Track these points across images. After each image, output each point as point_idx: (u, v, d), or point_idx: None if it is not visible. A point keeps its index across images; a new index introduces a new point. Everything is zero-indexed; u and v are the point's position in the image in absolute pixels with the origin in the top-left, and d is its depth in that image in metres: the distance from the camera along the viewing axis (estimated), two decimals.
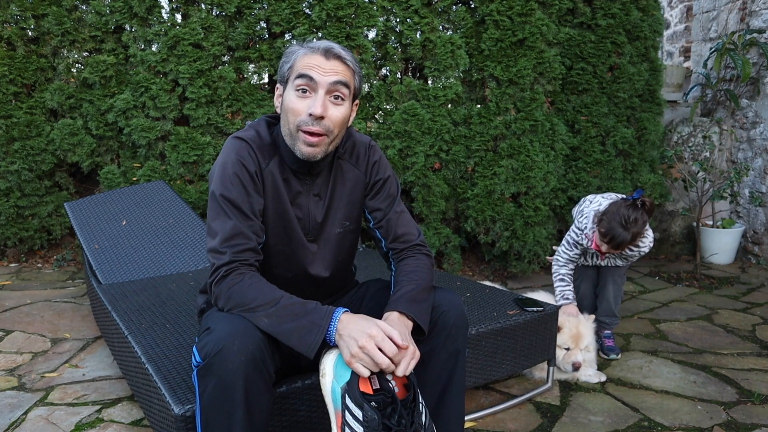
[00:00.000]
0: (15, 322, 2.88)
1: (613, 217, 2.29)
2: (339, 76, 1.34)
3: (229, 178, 1.37)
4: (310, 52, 1.35)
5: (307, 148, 1.35)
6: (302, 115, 1.33)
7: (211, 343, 1.21)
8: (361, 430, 1.14)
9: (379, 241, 1.55)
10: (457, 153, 3.63)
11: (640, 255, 2.49)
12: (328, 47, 1.35)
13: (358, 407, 1.16)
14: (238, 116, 3.69)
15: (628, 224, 2.25)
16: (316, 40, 1.39)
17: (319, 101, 1.32)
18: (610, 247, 2.32)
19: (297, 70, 1.35)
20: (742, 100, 4.44)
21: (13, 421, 1.95)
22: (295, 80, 1.34)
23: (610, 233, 2.28)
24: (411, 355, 1.23)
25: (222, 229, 1.35)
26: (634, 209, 2.28)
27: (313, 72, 1.33)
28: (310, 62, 1.34)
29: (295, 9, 3.51)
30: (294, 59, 1.37)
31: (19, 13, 3.67)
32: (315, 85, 1.33)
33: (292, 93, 1.35)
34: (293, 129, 1.35)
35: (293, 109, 1.34)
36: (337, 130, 1.38)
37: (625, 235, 2.26)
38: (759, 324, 3.00)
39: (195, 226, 3.07)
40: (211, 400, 1.20)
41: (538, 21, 3.56)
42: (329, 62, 1.34)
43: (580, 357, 2.29)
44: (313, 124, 1.33)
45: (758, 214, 4.32)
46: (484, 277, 3.81)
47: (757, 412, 2.07)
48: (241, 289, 1.29)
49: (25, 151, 3.67)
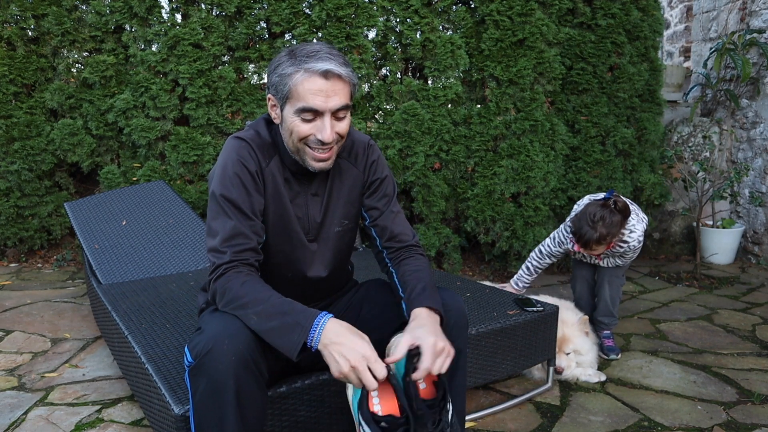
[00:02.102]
0: (15, 322, 2.88)
1: (582, 216, 2.35)
2: (341, 100, 1.32)
3: (229, 178, 1.37)
4: (308, 76, 1.29)
5: (318, 163, 1.37)
6: (310, 137, 1.34)
7: (201, 343, 1.21)
8: None
9: (374, 239, 1.54)
10: (457, 153, 3.63)
11: (632, 250, 2.48)
12: (327, 70, 1.29)
13: (367, 424, 1.17)
14: (238, 116, 3.69)
15: (595, 223, 2.28)
16: (309, 56, 1.31)
17: (327, 129, 1.32)
18: (582, 247, 2.35)
19: (299, 99, 1.31)
20: (742, 100, 4.44)
21: (13, 421, 1.95)
22: (298, 111, 1.32)
23: (578, 232, 2.33)
24: (446, 353, 1.23)
25: (222, 229, 1.35)
26: (603, 208, 2.32)
27: (316, 101, 1.30)
28: (311, 87, 1.29)
29: (295, 9, 3.51)
30: (291, 84, 1.31)
31: (19, 13, 3.67)
32: (320, 113, 1.32)
33: (296, 118, 1.33)
34: (300, 146, 1.36)
35: (299, 132, 1.33)
36: (342, 139, 1.39)
37: (592, 233, 2.28)
38: (759, 324, 3.00)
39: (195, 226, 3.07)
40: (202, 400, 1.21)
41: (538, 21, 3.56)
42: (329, 83, 1.30)
43: (564, 362, 2.29)
44: (323, 147, 1.34)
45: (758, 214, 4.32)
46: (484, 277, 3.81)
47: (757, 412, 2.07)
48: (235, 287, 1.29)
49: (25, 151, 3.67)
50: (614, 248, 2.45)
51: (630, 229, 2.42)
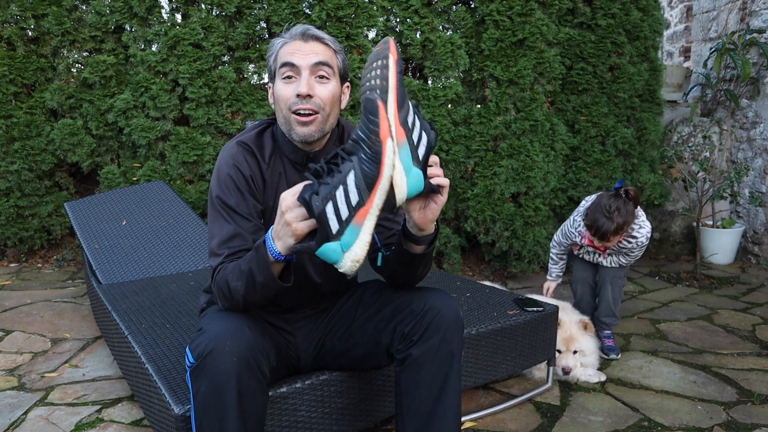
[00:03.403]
0: (15, 322, 2.88)
1: (596, 208, 2.35)
2: (319, 57, 1.36)
3: (224, 182, 1.40)
4: (288, 40, 1.38)
5: (301, 127, 1.37)
6: (291, 98, 1.35)
7: (203, 344, 1.21)
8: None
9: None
10: (457, 153, 3.63)
11: (639, 246, 2.48)
12: (304, 30, 1.38)
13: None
14: (238, 116, 3.69)
15: (611, 213, 2.30)
16: (294, 27, 1.41)
17: (303, 80, 1.35)
18: (599, 239, 2.36)
19: (279, 60, 1.38)
20: (742, 100, 4.44)
21: (13, 421, 1.95)
22: (279, 69, 1.37)
23: (594, 224, 2.33)
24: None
25: (219, 232, 1.38)
26: (616, 198, 2.33)
27: (294, 57, 1.35)
28: (290, 49, 1.36)
29: (295, 9, 3.51)
30: (275, 51, 1.39)
31: (19, 13, 3.67)
32: (298, 69, 1.35)
33: (280, 83, 1.38)
34: (287, 114, 1.37)
35: (282, 95, 1.37)
36: (328, 107, 1.39)
37: (609, 224, 2.29)
38: (759, 324, 3.00)
39: (195, 226, 3.07)
40: (204, 401, 1.21)
41: (538, 21, 3.56)
42: (308, 44, 1.37)
43: (571, 362, 2.29)
44: (303, 103, 1.35)
45: (758, 214, 4.32)
46: (484, 277, 3.81)
47: (757, 412, 2.07)
48: (224, 273, 1.32)
49: (25, 151, 3.67)
50: (622, 243, 2.46)
51: (639, 224, 2.44)
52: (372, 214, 1.11)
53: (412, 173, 1.15)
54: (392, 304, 1.45)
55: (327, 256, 1.13)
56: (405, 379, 1.38)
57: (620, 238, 2.39)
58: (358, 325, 1.50)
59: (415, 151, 1.16)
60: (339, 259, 1.12)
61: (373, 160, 1.10)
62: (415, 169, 1.15)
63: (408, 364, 1.37)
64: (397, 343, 1.40)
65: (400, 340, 1.40)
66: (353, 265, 1.11)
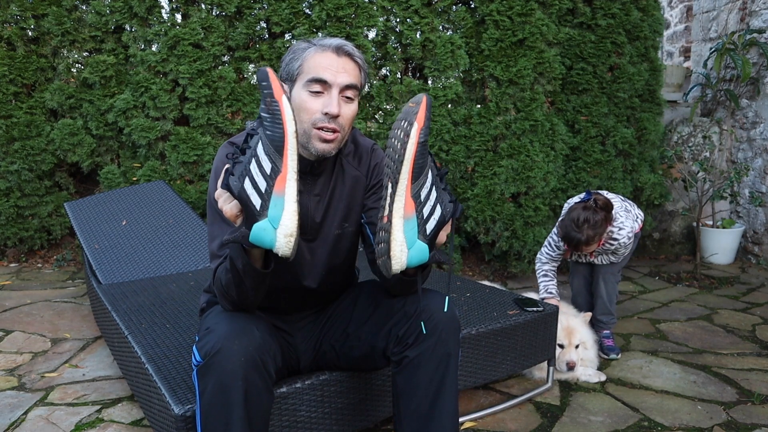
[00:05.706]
0: (15, 322, 2.88)
1: (566, 222, 2.38)
2: (350, 79, 1.36)
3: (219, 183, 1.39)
4: (320, 50, 1.35)
5: (323, 144, 1.36)
6: (317, 114, 1.34)
7: (210, 343, 1.21)
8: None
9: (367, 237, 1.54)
10: (457, 153, 3.63)
11: (623, 247, 2.49)
12: (340, 45, 1.36)
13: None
14: (238, 116, 3.69)
15: (580, 226, 2.32)
16: (325, 37, 1.39)
17: (334, 101, 1.33)
18: (574, 250, 2.41)
19: (309, 71, 1.34)
20: (742, 100, 4.44)
21: (13, 421, 1.95)
22: (307, 83, 1.34)
23: (566, 237, 2.37)
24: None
25: (220, 233, 1.38)
26: (584, 210, 2.34)
27: (326, 74, 1.33)
28: (322, 62, 1.34)
29: (295, 9, 3.51)
30: (304, 57, 1.36)
31: (19, 13, 3.67)
32: (328, 86, 1.34)
33: (304, 93, 1.35)
34: (307, 127, 1.35)
35: (307, 108, 1.34)
36: (347, 127, 1.40)
37: (579, 236, 2.32)
38: (759, 324, 3.00)
39: (195, 226, 3.07)
40: (210, 400, 1.21)
41: (538, 21, 3.56)
42: (340, 59, 1.35)
43: (574, 356, 2.29)
44: (329, 122, 1.34)
45: (758, 214, 4.32)
46: (484, 277, 3.81)
47: (757, 412, 2.07)
48: (220, 271, 1.33)
49: (25, 151, 3.67)
50: (605, 246, 2.48)
51: (618, 226, 2.44)
52: (291, 179, 1.10)
53: (415, 247, 1.15)
54: (386, 307, 1.44)
55: (261, 241, 1.10)
56: (402, 381, 1.38)
57: (598, 245, 2.40)
58: (354, 328, 1.50)
59: (424, 225, 1.16)
60: (273, 239, 1.09)
61: (274, 122, 1.09)
62: (419, 243, 1.16)
63: (404, 365, 1.37)
64: (393, 346, 1.40)
65: (396, 343, 1.39)
66: (288, 241, 1.08)
